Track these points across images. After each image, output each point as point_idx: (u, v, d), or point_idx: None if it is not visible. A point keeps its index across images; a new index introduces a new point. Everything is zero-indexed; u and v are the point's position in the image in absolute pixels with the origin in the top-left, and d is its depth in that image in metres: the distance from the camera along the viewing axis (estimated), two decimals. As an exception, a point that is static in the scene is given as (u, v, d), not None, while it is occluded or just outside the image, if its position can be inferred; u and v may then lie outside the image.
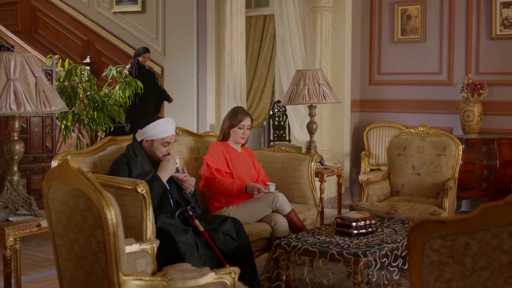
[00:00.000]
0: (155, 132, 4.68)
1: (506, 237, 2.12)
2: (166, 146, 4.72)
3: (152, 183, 4.41)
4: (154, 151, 4.70)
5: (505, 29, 8.02)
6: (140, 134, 4.73)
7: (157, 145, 4.70)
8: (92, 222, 2.86)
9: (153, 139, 4.70)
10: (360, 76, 9.10)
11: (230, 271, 3.09)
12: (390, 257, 4.46)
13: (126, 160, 4.60)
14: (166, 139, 4.71)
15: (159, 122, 4.73)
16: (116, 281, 2.81)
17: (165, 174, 4.61)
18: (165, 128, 4.71)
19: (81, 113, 7.26)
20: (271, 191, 5.15)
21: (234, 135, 5.38)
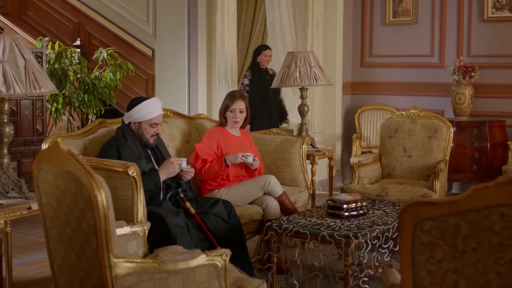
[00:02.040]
0: (142, 114, 4.65)
1: (496, 218, 2.12)
2: (154, 127, 4.70)
3: (149, 179, 4.40)
4: (143, 133, 4.68)
5: (496, 11, 8.01)
6: (127, 117, 4.71)
7: (145, 127, 4.67)
8: (82, 205, 2.85)
9: (140, 121, 4.67)
10: (351, 59, 9.09)
11: (221, 253, 3.09)
12: (381, 239, 4.47)
13: (116, 144, 4.58)
14: (153, 120, 4.68)
15: (145, 104, 4.69)
16: (107, 264, 2.81)
17: (164, 174, 4.59)
18: (151, 109, 4.68)
19: (71, 96, 7.23)
20: (249, 162, 5.16)
21: (228, 119, 5.37)
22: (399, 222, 2.23)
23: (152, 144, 4.74)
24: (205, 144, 5.24)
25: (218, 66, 7.34)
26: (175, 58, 7.85)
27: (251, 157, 5.19)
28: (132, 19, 8.41)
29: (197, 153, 5.19)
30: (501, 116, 7.98)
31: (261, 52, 7.96)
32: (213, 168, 5.15)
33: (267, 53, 7.94)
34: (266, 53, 7.94)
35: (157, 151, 4.82)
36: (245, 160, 5.17)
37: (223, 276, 3.09)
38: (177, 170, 4.63)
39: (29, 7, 9.38)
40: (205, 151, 5.20)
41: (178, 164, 4.63)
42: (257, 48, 8.20)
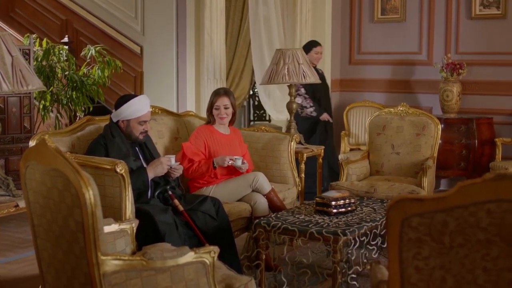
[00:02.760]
0: (130, 112, 4.64)
1: (483, 214, 2.13)
2: (143, 125, 4.69)
3: (137, 177, 4.39)
4: (131, 131, 4.67)
5: (484, 9, 8.04)
6: (115, 115, 4.69)
7: (133, 125, 4.66)
8: (70, 202, 2.84)
9: (129, 119, 4.66)
10: (340, 56, 9.09)
11: (209, 250, 3.08)
12: (369, 236, 4.48)
13: (104, 142, 4.56)
14: (141, 118, 4.67)
15: (133, 102, 4.68)
16: (95, 261, 2.80)
17: (152, 173, 4.58)
18: (139, 107, 4.67)
19: (59, 93, 7.20)
20: (237, 165, 5.15)
21: (214, 116, 5.37)
22: (386, 219, 2.24)
23: (142, 140, 4.73)
24: (192, 143, 5.23)
25: (206, 63, 7.33)
26: (164, 55, 7.84)
27: (240, 160, 5.18)
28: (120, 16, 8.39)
29: (184, 152, 5.18)
30: (489, 113, 8.01)
31: (311, 49, 7.58)
32: (200, 169, 5.15)
33: (318, 50, 7.54)
34: (317, 50, 7.54)
35: (145, 148, 4.81)
36: (233, 164, 5.16)
37: (211, 273, 3.09)
38: (165, 170, 4.63)
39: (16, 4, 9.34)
40: (192, 150, 5.19)
41: (167, 164, 4.63)
42: (306, 45, 7.73)
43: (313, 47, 7.56)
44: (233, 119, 5.46)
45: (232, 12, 8.77)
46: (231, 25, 8.81)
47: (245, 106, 10.59)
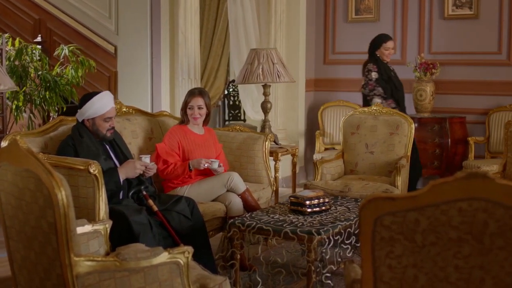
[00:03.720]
0: (94, 110, 4.60)
1: (455, 213, 2.15)
2: (109, 121, 4.65)
3: (109, 178, 4.36)
4: (98, 128, 4.63)
5: (457, 9, 8.11)
6: (80, 115, 4.65)
7: (99, 122, 4.62)
8: (42, 203, 2.82)
9: (94, 117, 4.62)
10: (314, 55, 9.12)
11: (183, 251, 3.07)
12: (343, 235, 4.49)
13: (72, 143, 4.52)
14: (106, 115, 4.63)
15: (96, 99, 4.63)
16: (68, 262, 2.78)
17: (123, 174, 4.55)
18: (103, 104, 4.63)
19: (32, 93, 7.13)
20: (214, 168, 5.15)
21: (188, 116, 5.35)
22: (359, 218, 2.25)
23: (110, 137, 4.69)
24: (166, 144, 5.21)
25: (181, 63, 7.31)
26: (138, 55, 7.80)
27: (216, 164, 5.17)
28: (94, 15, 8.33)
29: (158, 153, 5.17)
30: (462, 112, 8.08)
31: (380, 45, 6.94)
32: (176, 171, 5.14)
33: (388, 46, 6.88)
34: (387, 46, 6.88)
35: (116, 146, 4.78)
36: (209, 167, 5.15)
37: (186, 273, 3.08)
38: (137, 174, 4.61)
39: (-12, 3, 9.24)
40: (166, 151, 5.17)
41: (140, 167, 4.60)
42: (375, 40, 7.05)
43: (382, 43, 6.89)
44: (207, 119, 5.45)
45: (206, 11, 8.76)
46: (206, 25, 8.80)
47: (220, 105, 10.57)
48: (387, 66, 6.94)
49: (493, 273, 2.18)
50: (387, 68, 6.92)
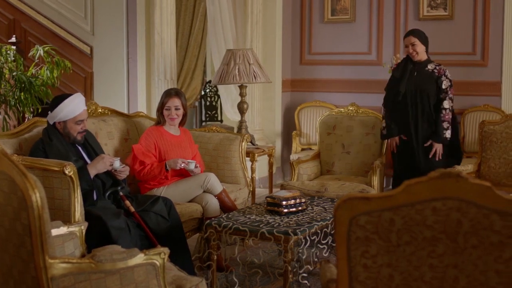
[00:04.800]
0: (66, 113, 4.55)
1: (429, 212, 2.17)
2: (80, 124, 4.61)
3: (80, 177, 4.31)
4: (69, 131, 4.59)
5: (432, 10, 8.17)
6: (51, 117, 4.60)
7: (70, 125, 4.58)
8: (16, 205, 2.79)
9: (65, 120, 4.58)
10: (291, 56, 9.13)
11: (159, 252, 3.07)
12: (319, 235, 4.51)
13: (42, 146, 4.48)
14: (78, 118, 4.59)
15: (67, 102, 4.58)
16: (42, 265, 2.76)
17: (93, 170, 4.52)
18: (74, 107, 4.58)
19: (7, 94, 7.06)
20: (190, 169, 5.14)
21: (165, 116, 5.34)
22: (334, 218, 2.26)
23: (80, 141, 4.65)
24: (142, 145, 5.20)
25: (157, 63, 7.29)
26: (114, 55, 7.76)
27: (193, 164, 5.16)
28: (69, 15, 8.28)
29: (135, 154, 5.15)
30: (437, 112, 8.14)
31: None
32: (153, 172, 5.12)
33: (405, 43, 6.08)
34: (405, 43, 6.09)
35: (88, 146, 4.74)
36: (186, 167, 5.14)
37: (162, 275, 3.07)
38: (107, 165, 4.57)
39: (-39, 3, 9.15)
40: (142, 152, 5.16)
41: (109, 161, 4.57)
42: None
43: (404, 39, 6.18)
44: (183, 120, 5.44)
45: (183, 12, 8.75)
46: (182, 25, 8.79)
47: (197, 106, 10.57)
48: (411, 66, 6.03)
49: (467, 271, 2.20)
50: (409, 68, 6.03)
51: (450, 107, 5.86)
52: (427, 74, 5.92)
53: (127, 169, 4.77)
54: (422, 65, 5.98)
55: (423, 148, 5.87)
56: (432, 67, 5.95)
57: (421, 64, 5.99)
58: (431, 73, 5.91)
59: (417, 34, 6.02)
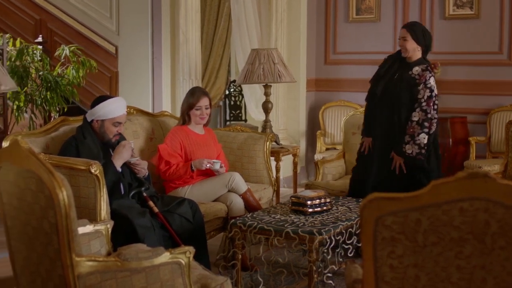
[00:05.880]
0: (105, 112, 4.59)
1: (456, 213, 2.15)
2: (117, 126, 4.64)
3: (106, 170, 4.34)
4: (105, 132, 4.62)
5: (458, 9, 8.11)
6: (90, 114, 4.65)
7: (107, 126, 4.62)
8: (44, 204, 2.82)
9: (103, 119, 4.61)
10: (315, 55, 9.11)
11: (185, 251, 3.08)
12: (344, 235, 4.49)
13: (75, 143, 4.52)
14: (116, 119, 4.62)
15: (109, 102, 4.64)
16: (69, 263, 2.78)
17: (119, 159, 4.54)
18: (115, 108, 4.62)
19: (33, 94, 7.13)
20: (215, 168, 5.15)
21: (193, 117, 5.34)
22: (360, 218, 2.25)
23: (114, 143, 4.67)
24: (168, 145, 5.21)
25: (182, 63, 7.31)
26: (139, 55, 7.80)
27: (218, 164, 5.18)
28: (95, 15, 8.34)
29: (161, 154, 5.17)
30: (463, 112, 8.08)
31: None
32: (178, 172, 5.13)
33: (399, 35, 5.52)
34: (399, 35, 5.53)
35: None
36: (211, 167, 5.15)
37: (187, 273, 3.08)
38: (130, 152, 4.58)
39: (-11, 4, 9.25)
40: (168, 152, 5.17)
41: (130, 146, 4.59)
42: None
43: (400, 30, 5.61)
44: (208, 120, 5.46)
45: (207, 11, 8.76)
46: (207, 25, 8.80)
47: (221, 106, 10.58)
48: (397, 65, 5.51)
49: (494, 273, 2.18)
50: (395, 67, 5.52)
51: (420, 120, 5.16)
52: (407, 80, 5.31)
53: (144, 162, 4.77)
54: (408, 67, 5.37)
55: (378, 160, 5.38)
56: (416, 72, 5.30)
57: (408, 65, 5.38)
58: (411, 79, 5.29)
59: (411, 29, 5.37)
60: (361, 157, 5.62)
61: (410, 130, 5.18)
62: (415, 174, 5.23)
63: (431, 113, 5.18)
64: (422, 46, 5.38)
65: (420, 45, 5.37)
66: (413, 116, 5.19)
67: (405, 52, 5.38)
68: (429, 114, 5.17)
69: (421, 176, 5.22)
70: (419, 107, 5.18)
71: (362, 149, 5.59)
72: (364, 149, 5.55)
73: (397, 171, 5.26)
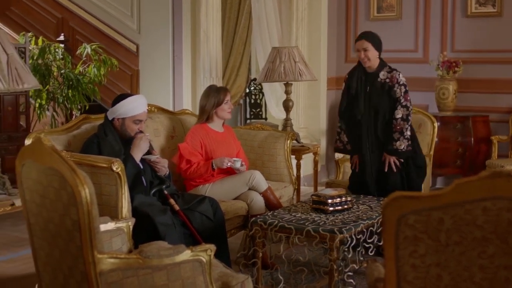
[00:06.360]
0: (126, 110, 4.62)
1: (479, 212, 2.14)
2: (138, 124, 4.66)
3: (126, 163, 4.35)
4: (126, 129, 4.64)
5: (480, 7, 8.05)
6: (111, 113, 4.67)
7: (128, 123, 4.64)
8: (66, 201, 2.83)
9: (124, 117, 4.63)
10: (336, 54, 9.09)
11: (206, 249, 3.08)
12: (365, 234, 4.48)
13: (97, 141, 4.55)
14: (137, 117, 4.65)
15: (129, 100, 4.66)
16: (91, 260, 2.80)
17: (138, 152, 4.57)
18: (136, 106, 4.65)
19: (55, 92, 7.19)
20: (236, 167, 5.16)
21: (221, 112, 5.34)
22: (383, 216, 2.24)
23: None
24: (188, 144, 5.22)
25: (202, 61, 7.33)
26: (160, 53, 7.83)
27: (239, 162, 5.19)
28: (116, 14, 8.38)
29: (181, 153, 5.18)
30: (485, 111, 8.02)
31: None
32: (199, 170, 5.14)
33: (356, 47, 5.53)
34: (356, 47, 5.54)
35: None
36: (232, 165, 5.16)
37: (208, 271, 3.09)
38: (147, 142, 4.62)
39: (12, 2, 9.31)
40: (189, 151, 5.18)
41: (146, 138, 4.60)
42: None
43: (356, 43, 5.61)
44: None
45: (228, 9, 8.77)
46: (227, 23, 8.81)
47: (242, 104, 10.58)
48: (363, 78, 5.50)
49: (518, 273, 2.16)
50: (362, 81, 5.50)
51: (404, 116, 5.31)
52: (379, 87, 5.38)
53: (164, 161, 4.78)
54: (374, 75, 5.42)
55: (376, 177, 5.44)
56: (384, 76, 5.38)
57: (373, 74, 5.43)
58: (383, 84, 5.37)
59: (371, 38, 5.47)
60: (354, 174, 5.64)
61: (398, 127, 5.32)
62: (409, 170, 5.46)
63: (410, 106, 5.38)
64: (380, 51, 5.48)
65: (378, 51, 5.46)
66: (396, 114, 5.33)
67: (368, 62, 5.43)
68: (410, 107, 5.37)
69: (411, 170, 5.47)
70: (400, 105, 5.34)
71: (353, 167, 5.61)
72: (355, 167, 5.58)
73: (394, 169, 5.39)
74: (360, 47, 5.44)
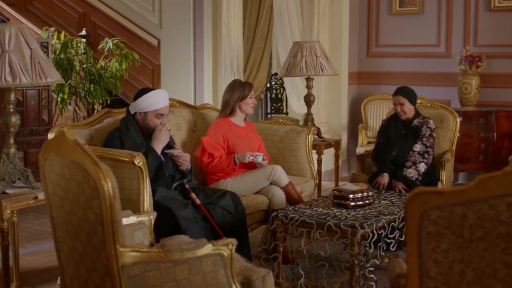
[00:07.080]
0: (148, 104, 4.64)
1: (503, 208, 2.12)
2: (160, 118, 4.68)
3: (147, 156, 4.37)
4: (148, 123, 4.67)
5: (503, 0, 7.98)
6: (133, 107, 4.70)
7: (150, 117, 4.66)
8: (89, 194, 2.85)
9: (146, 111, 4.66)
10: (357, 48, 9.06)
11: (227, 243, 3.09)
12: (387, 229, 4.46)
13: (119, 134, 4.57)
14: (159, 111, 4.67)
15: (152, 94, 4.68)
16: (113, 253, 2.81)
17: (159, 144, 4.59)
18: (158, 100, 4.67)
19: (77, 86, 7.23)
20: (258, 161, 5.16)
21: (245, 106, 5.34)
22: (405, 212, 2.23)
23: None
24: (211, 138, 5.23)
25: (223, 55, 7.33)
26: (181, 48, 7.84)
27: (261, 157, 5.19)
28: (138, 9, 8.40)
29: (204, 146, 5.18)
30: (508, 106, 7.95)
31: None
32: (221, 164, 5.15)
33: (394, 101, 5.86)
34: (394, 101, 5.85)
35: None
36: (254, 160, 5.16)
37: (229, 265, 3.09)
38: (168, 134, 4.64)
39: (34, -3, 9.38)
40: (212, 144, 5.19)
41: (167, 129, 4.62)
42: None
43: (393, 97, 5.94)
44: None
45: (249, 4, 8.77)
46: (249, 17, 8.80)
47: (263, 99, 10.58)
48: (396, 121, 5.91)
49: (542, 269, 2.14)
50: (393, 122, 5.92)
51: (421, 151, 5.59)
52: (412, 132, 5.74)
53: (186, 155, 4.80)
54: (409, 123, 5.79)
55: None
56: (418, 122, 5.76)
57: (408, 122, 5.80)
58: (415, 129, 5.73)
59: (407, 94, 5.79)
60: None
61: (412, 158, 5.60)
62: None
63: (430, 148, 5.66)
64: (414, 105, 5.86)
65: (413, 105, 5.84)
66: (414, 147, 5.64)
67: (404, 115, 5.81)
68: (428, 148, 5.64)
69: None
70: (420, 141, 5.66)
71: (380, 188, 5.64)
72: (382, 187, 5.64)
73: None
74: (397, 102, 5.81)
